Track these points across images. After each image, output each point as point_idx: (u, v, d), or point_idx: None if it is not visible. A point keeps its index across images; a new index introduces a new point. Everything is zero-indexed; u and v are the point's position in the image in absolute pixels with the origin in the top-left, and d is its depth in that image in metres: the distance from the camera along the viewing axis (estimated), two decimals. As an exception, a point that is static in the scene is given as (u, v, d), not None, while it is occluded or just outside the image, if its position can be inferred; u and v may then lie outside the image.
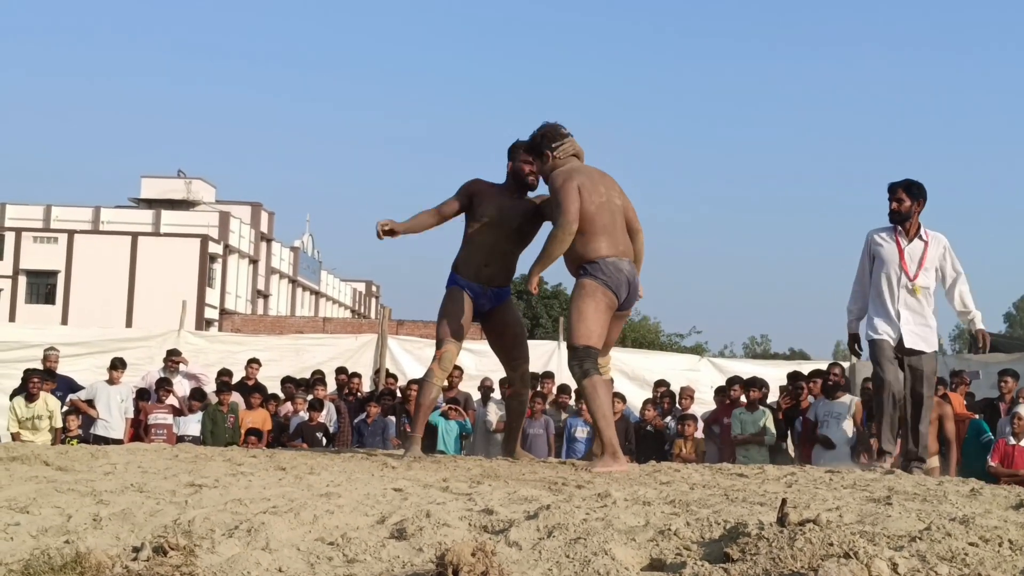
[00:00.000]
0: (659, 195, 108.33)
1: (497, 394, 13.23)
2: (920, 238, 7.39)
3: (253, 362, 13.42)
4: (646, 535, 3.33)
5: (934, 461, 9.58)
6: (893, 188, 7.37)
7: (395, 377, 14.66)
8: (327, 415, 12.45)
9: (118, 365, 12.14)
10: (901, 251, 7.34)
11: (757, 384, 11.34)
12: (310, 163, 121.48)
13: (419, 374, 14.22)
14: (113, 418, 11.79)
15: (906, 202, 7.28)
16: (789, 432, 11.38)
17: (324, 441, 11.94)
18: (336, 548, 3.21)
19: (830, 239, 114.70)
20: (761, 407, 11.22)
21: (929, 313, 7.37)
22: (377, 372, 14.62)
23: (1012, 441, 9.99)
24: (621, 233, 6.71)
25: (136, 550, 3.16)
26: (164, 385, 12.06)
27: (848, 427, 10.52)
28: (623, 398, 12.42)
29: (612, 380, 7.23)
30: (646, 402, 12.43)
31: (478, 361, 15.92)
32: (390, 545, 3.24)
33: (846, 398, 10.85)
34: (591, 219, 6.56)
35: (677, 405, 12.45)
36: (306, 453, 7.36)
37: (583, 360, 6.51)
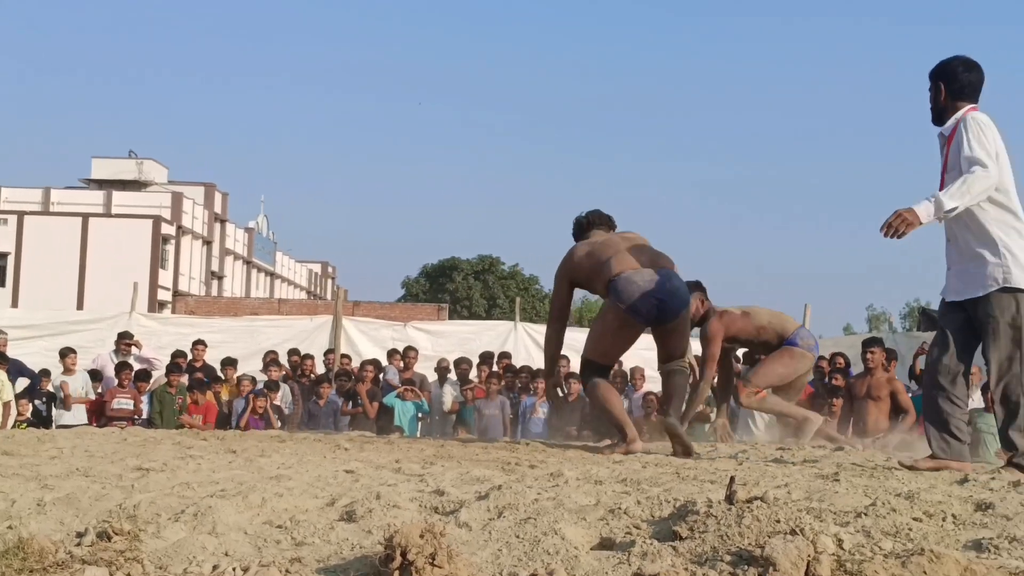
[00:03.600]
0: (630, 177, 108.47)
1: (453, 375, 13.25)
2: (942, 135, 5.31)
3: (199, 344, 13.32)
4: (596, 514, 3.34)
5: (883, 435, 9.73)
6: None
7: (349, 357, 14.63)
8: (283, 396, 12.40)
9: (68, 353, 12.10)
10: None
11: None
12: (265, 143, 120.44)
13: (374, 355, 14.28)
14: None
15: (930, 93, 5.34)
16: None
17: (279, 424, 11.89)
18: (284, 531, 3.19)
19: (783, 216, 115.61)
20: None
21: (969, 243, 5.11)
22: (328, 353, 14.53)
23: None
24: (637, 250, 6.72)
25: (80, 535, 3.12)
26: (124, 369, 11.96)
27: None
28: (579, 378, 12.44)
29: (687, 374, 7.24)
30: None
31: (435, 342, 15.94)
32: (339, 527, 3.22)
33: None
34: (599, 253, 6.78)
35: (629, 384, 12.51)
36: (258, 435, 7.32)
37: (584, 371, 6.96)
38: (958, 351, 5.15)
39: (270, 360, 13.17)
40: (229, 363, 13.00)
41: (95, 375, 12.26)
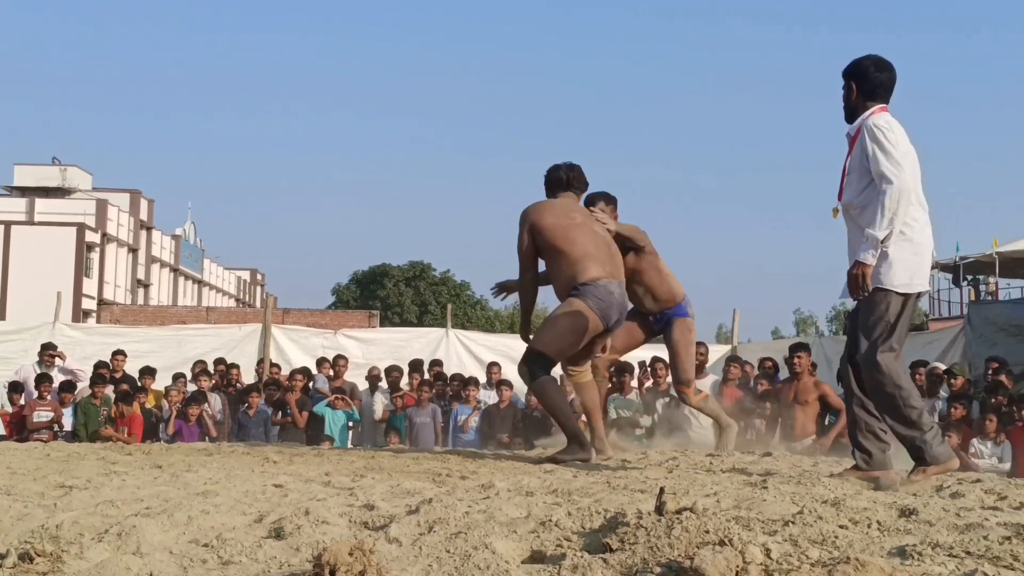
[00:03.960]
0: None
1: (384, 383, 13.19)
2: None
3: (118, 354, 13.13)
4: (527, 527, 3.34)
5: (810, 440, 9.86)
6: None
7: (279, 367, 14.51)
8: (214, 407, 12.25)
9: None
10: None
11: (628, 370, 11.46)
12: (191, 149, 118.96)
13: (304, 363, 14.17)
14: None
15: (853, 91, 5.26)
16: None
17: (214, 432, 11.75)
18: (211, 550, 3.14)
19: (710, 221, 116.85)
20: (635, 392, 11.39)
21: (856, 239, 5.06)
22: (260, 362, 14.41)
23: None
24: (608, 256, 6.63)
25: (1, 557, 3.05)
26: (44, 381, 11.73)
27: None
28: (510, 385, 12.47)
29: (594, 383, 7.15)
30: (532, 388, 12.48)
31: (366, 350, 15.86)
32: (267, 545, 3.18)
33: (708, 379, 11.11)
34: (571, 235, 6.53)
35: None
36: (185, 448, 7.21)
37: (533, 364, 6.55)
38: None
39: (199, 370, 13.00)
40: (148, 372, 12.81)
41: (15, 387, 12.00)
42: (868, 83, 5.17)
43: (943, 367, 11.43)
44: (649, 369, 11.79)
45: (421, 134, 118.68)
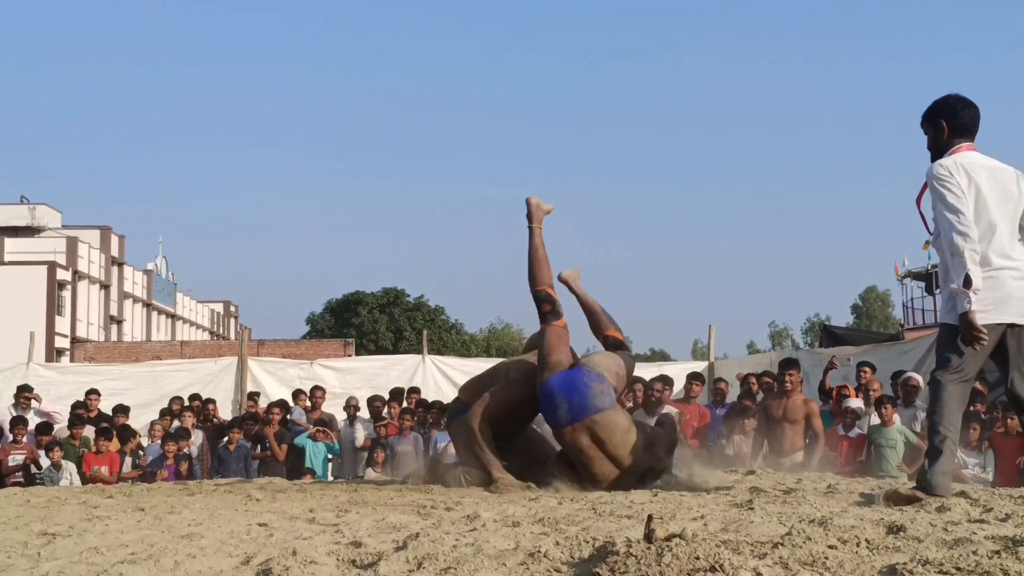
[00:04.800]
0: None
1: (364, 412, 13.12)
2: None
3: (92, 393, 13.01)
4: (516, 559, 3.32)
5: (799, 456, 9.88)
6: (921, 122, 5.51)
7: (258, 395, 14.42)
8: (196, 443, 12.15)
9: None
10: None
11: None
12: (161, 184, 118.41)
13: (282, 395, 14.09)
14: None
15: (928, 134, 5.40)
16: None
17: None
18: (199, 595, 3.11)
19: (686, 236, 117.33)
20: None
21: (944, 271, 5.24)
22: (250, 395, 14.25)
23: (841, 432, 10.37)
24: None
25: (-15, 612, 3.01)
26: (19, 424, 11.59)
27: None
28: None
29: None
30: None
31: (343, 379, 15.79)
32: (256, 588, 3.15)
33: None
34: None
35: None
36: (166, 489, 7.14)
37: (458, 410, 7.36)
38: None
39: (179, 407, 12.90)
40: (121, 410, 12.71)
41: (-8, 431, 11.86)
42: (942, 119, 5.26)
43: (919, 377, 11.46)
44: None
45: (390, 162, 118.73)
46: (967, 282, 4.86)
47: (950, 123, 5.24)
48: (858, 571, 3.00)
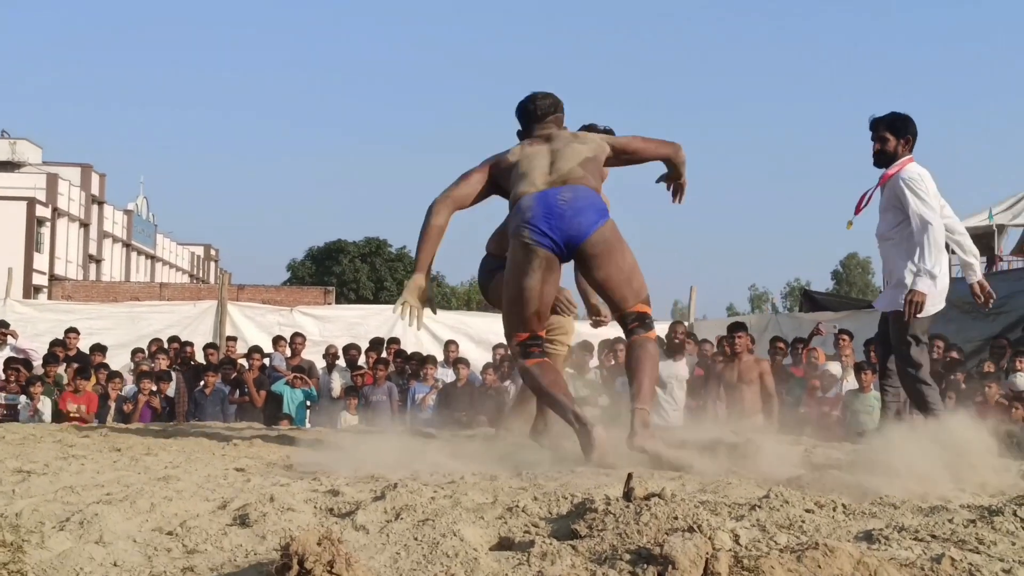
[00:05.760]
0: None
1: (342, 361, 13.12)
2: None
3: (71, 331, 12.95)
4: (494, 512, 3.32)
5: (759, 419, 9.96)
6: (875, 124, 6.32)
7: (235, 339, 14.41)
8: (174, 387, 12.13)
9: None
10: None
11: (588, 349, 11.47)
12: (143, 123, 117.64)
13: (260, 341, 14.06)
14: None
15: (891, 141, 6.24)
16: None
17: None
18: (175, 538, 3.10)
19: (665, 196, 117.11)
20: (595, 372, 11.42)
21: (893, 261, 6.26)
22: (208, 347, 14.14)
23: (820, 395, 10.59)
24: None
25: (-41, 548, 2.99)
26: (11, 364, 11.52)
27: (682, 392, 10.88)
28: (467, 363, 12.47)
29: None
30: (486, 366, 12.48)
31: (322, 327, 15.79)
32: (232, 533, 3.14)
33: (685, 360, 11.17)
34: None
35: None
36: (143, 430, 7.12)
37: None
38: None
39: (156, 348, 12.87)
40: (98, 349, 12.66)
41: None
42: (910, 135, 6.23)
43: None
44: (609, 350, 11.80)
45: (377, 109, 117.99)
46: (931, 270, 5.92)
47: (911, 141, 6.23)
48: (835, 535, 3.01)
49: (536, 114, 5.67)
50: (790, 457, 5.20)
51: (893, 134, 6.20)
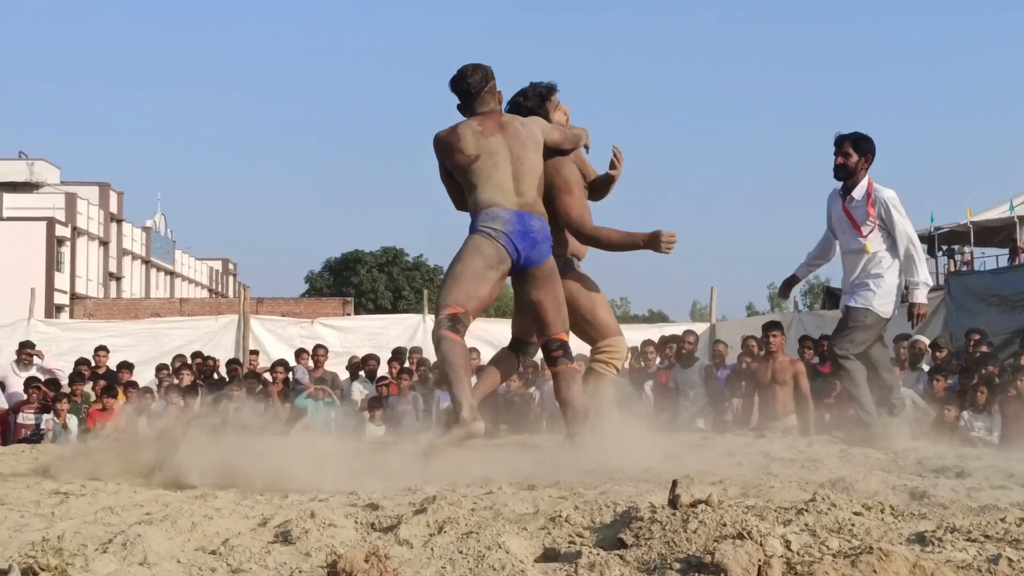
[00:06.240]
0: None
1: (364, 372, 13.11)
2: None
3: (101, 350, 12.98)
4: (537, 523, 3.29)
5: (791, 419, 9.87)
6: (840, 141, 6.83)
7: (257, 353, 14.42)
8: (199, 402, 12.13)
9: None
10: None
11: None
12: (160, 140, 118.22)
13: (282, 354, 14.05)
14: None
15: (853, 157, 6.79)
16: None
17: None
18: (219, 557, 3.07)
19: (684, 197, 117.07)
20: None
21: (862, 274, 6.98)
22: (231, 363, 14.12)
23: None
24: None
25: (3, 573, 2.97)
26: (33, 383, 11.53)
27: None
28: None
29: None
30: (510, 372, 12.42)
31: (343, 338, 15.78)
32: (276, 551, 3.11)
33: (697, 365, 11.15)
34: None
35: (542, 374, 12.48)
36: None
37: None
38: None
39: (180, 364, 12.88)
40: (125, 367, 12.68)
41: (-6, 386, 11.84)
42: (870, 154, 6.76)
43: (925, 340, 11.45)
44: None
45: (391, 119, 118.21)
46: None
47: (870, 159, 6.77)
48: (887, 538, 2.96)
49: (471, 92, 5.83)
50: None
51: (856, 151, 6.74)
